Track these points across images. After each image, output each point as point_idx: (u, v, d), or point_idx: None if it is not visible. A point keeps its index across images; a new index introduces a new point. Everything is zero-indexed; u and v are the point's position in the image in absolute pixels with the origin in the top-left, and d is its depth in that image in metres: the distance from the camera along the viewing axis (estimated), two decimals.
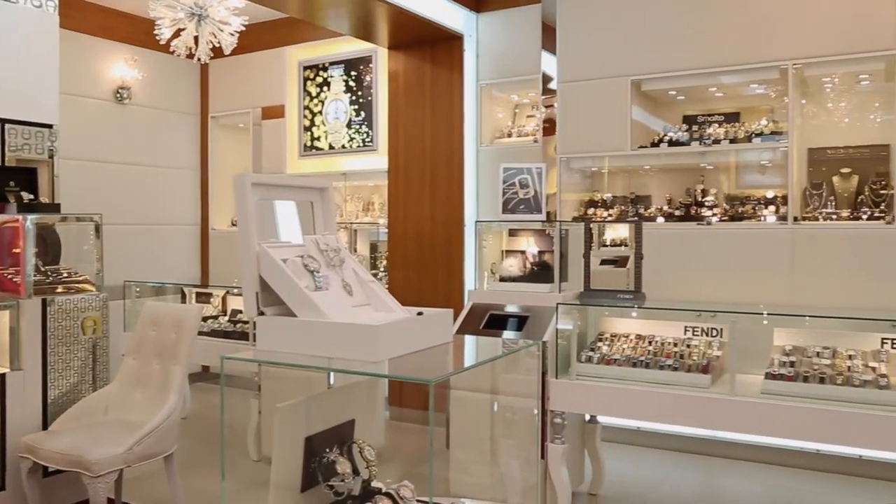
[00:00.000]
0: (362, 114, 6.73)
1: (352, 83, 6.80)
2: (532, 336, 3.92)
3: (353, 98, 6.79)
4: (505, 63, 5.78)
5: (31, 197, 4.10)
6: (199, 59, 4.92)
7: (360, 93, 6.75)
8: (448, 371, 2.40)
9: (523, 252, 4.40)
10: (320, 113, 7.00)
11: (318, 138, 7.01)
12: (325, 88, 6.98)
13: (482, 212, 5.79)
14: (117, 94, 6.88)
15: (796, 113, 4.66)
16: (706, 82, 5.02)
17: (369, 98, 6.67)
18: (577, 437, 4.23)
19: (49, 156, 4.32)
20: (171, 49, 4.89)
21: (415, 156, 6.01)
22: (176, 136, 7.51)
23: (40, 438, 3.51)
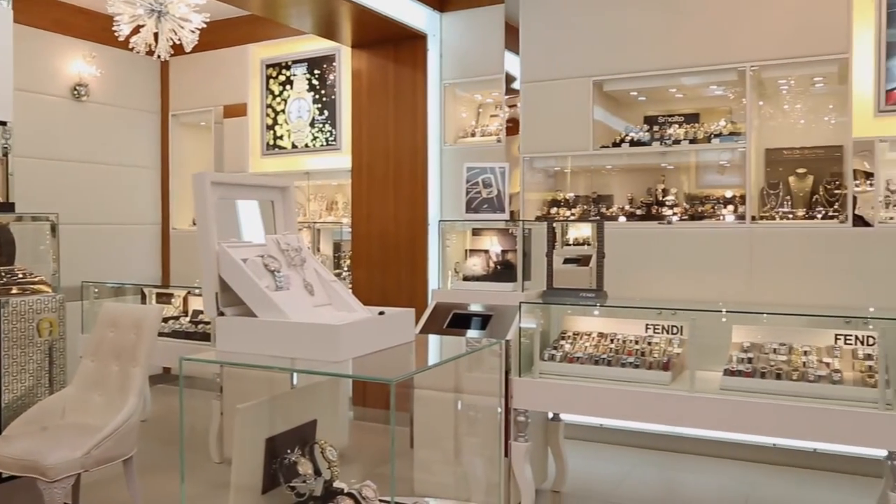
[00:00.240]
0: (325, 112, 6.69)
1: (315, 82, 6.75)
2: (495, 335, 3.93)
3: (317, 97, 6.75)
4: (468, 63, 5.79)
5: None
6: (159, 57, 4.84)
7: (323, 91, 6.71)
8: (410, 370, 2.40)
9: (487, 251, 4.42)
10: (283, 111, 6.94)
11: (280, 137, 6.95)
12: (287, 87, 6.92)
13: (446, 211, 5.79)
14: (74, 91, 6.74)
15: (754, 114, 4.75)
16: (667, 83, 5.10)
17: (332, 97, 6.63)
18: (541, 434, 4.26)
19: (3, 153, 4.21)
20: (130, 46, 4.80)
21: (378, 155, 5.99)
22: (135, 134, 7.39)
23: None
